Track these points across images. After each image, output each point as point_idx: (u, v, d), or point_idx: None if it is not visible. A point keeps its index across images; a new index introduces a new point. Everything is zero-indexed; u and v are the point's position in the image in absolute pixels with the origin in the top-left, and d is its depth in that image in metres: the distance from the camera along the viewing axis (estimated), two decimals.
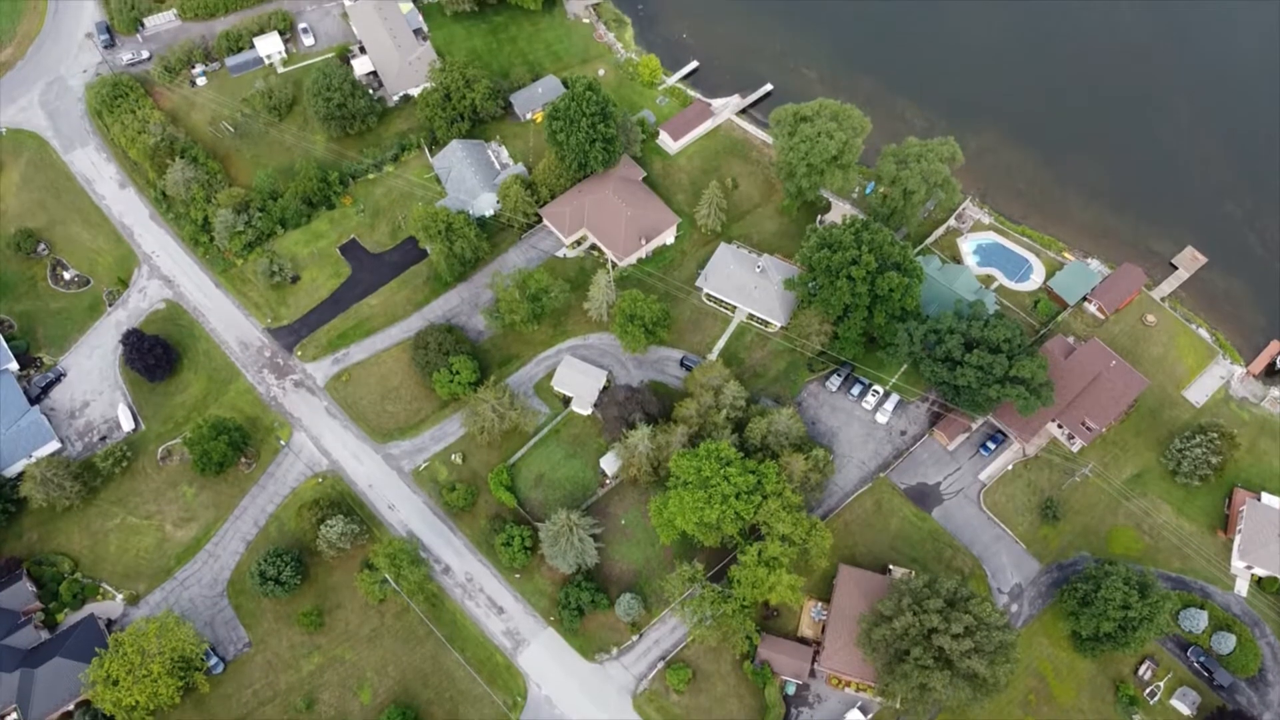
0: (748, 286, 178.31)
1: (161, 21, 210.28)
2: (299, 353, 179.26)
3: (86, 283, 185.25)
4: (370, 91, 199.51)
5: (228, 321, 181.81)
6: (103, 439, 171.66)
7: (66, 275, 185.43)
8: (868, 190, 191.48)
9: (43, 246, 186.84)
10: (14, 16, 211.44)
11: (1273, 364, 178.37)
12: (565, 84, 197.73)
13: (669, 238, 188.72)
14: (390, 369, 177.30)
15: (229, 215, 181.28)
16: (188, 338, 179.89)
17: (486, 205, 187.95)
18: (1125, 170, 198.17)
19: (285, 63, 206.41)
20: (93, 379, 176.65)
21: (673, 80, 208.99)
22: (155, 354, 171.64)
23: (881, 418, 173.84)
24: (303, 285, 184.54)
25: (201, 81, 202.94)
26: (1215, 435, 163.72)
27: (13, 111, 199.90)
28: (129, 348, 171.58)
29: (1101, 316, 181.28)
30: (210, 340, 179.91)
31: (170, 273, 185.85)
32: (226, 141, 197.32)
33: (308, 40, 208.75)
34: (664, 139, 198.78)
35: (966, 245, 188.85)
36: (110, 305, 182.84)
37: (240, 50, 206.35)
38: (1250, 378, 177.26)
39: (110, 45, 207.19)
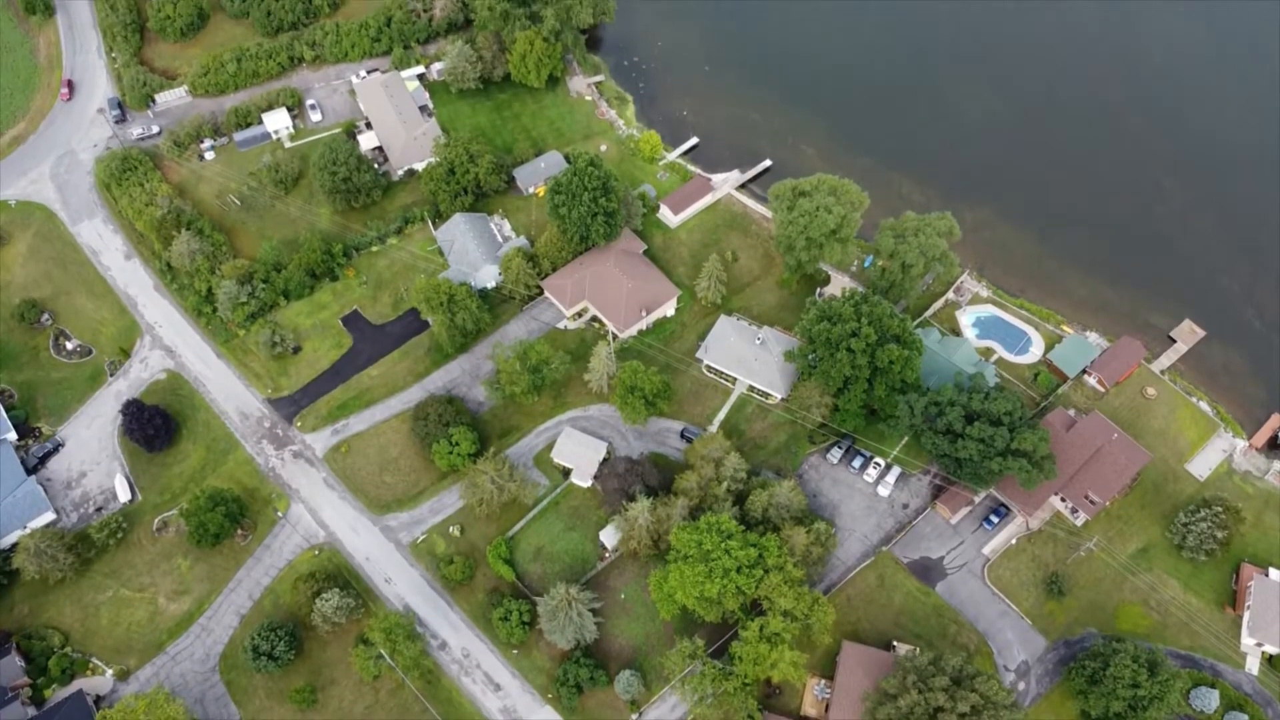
0: (748, 358, 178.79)
1: (172, 98, 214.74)
2: (299, 423, 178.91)
3: (89, 353, 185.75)
4: (375, 166, 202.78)
5: (228, 392, 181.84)
6: (98, 510, 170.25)
7: (69, 345, 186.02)
8: (866, 264, 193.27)
9: (46, 317, 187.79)
10: (28, 92, 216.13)
11: (1275, 437, 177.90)
12: (568, 159, 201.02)
13: (669, 310, 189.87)
14: (390, 440, 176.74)
15: (233, 286, 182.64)
16: (188, 408, 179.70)
17: (488, 277, 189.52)
18: (1120, 244, 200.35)
19: (293, 138, 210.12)
20: (91, 449, 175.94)
21: (673, 156, 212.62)
22: (155, 424, 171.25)
23: (883, 491, 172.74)
24: (304, 356, 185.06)
25: (210, 155, 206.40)
26: (1220, 509, 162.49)
27: (24, 184, 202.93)
28: (128, 417, 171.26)
29: (1102, 389, 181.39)
30: (210, 410, 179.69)
31: (172, 343, 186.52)
32: (232, 214, 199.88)
33: (315, 116, 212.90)
34: (665, 213, 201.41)
35: (965, 318, 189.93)
36: (111, 375, 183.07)
37: (249, 125, 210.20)
38: (1253, 451, 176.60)
39: (121, 120, 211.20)
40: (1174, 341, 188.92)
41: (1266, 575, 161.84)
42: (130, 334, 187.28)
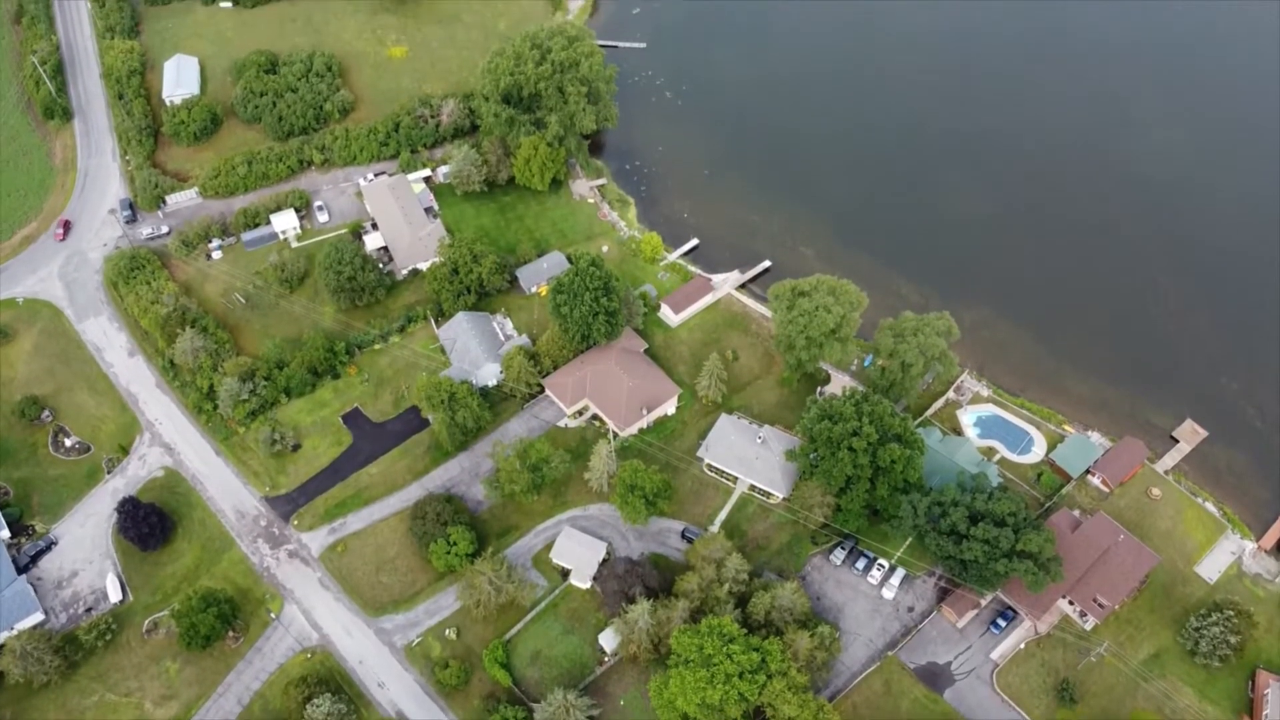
0: (749, 457, 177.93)
1: (183, 199, 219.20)
2: (295, 522, 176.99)
3: (87, 449, 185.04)
4: (380, 265, 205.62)
5: (225, 489, 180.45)
6: (88, 610, 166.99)
7: (68, 442, 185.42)
8: (866, 363, 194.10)
9: (47, 414, 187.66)
10: (42, 193, 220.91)
11: None
12: (570, 259, 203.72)
13: (670, 408, 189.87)
14: (387, 539, 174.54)
15: (234, 384, 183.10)
16: (184, 506, 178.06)
17: (490, 375, 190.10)
18: (1119, 344, 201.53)
19: (299, 238, 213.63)
20: (84, 547, 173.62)
21: (674, 256, 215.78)
22: (150, 522, 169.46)
23: (888, 593, 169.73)
24: (303, 454, 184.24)
25: (217, 255, 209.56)
26: (1232, 614, 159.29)
27: (32, 282, 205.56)
28: (124, 516, 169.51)
29: (1106, 490, 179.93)
30: (206, 509, 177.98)
31: (171, 440, 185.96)
32: (237, 312, 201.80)
33: (322, 217, 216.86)
34: (665, 312, 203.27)
35: (966, 417, 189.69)
36: (109, 472, 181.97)
37: (257, 226, 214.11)
38: (1262, 553, 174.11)
39: (132, 220, 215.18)
40: (1176, 441, 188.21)
41: None
42: (130, 431, 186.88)
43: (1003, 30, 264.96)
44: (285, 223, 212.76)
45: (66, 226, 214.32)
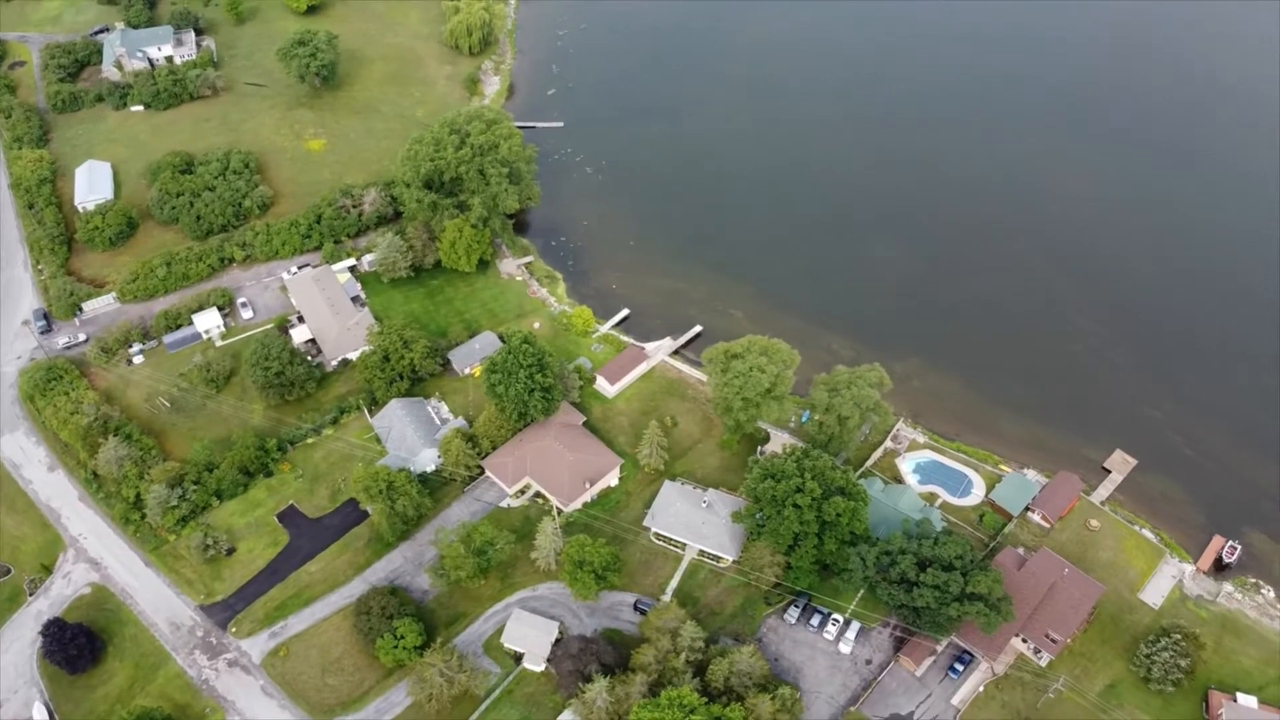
0: (696, 523, 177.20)
1: (100, 305, 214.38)
2: (233, 629, 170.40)
3: (7, 572, 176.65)
4: (309, 358, 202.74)
5: (158, 602, 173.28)
6: None
7: None
8: (804, 419, 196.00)
9: None
10: None
11: (1219, 559, 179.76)
12: (502, 338, 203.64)
13: (613, 480, 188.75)
14: (331, 638, 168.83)
15: (162, 491, 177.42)
16: (114, 623, 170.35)
17: (428, 461, 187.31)
18: (1045, 384, 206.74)
19: (224, 336, 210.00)
20: (8, 676, 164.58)
21: (606, 328, 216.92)
22: (78, 644, 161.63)
23: (845, 647, 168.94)
24: (239, 557, 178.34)
25: (138, 360, 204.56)
26: (1179, 637, 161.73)
27: None
28: (49, 639, 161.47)
29: (1046, 525, 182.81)
30: (139, 624, 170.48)
31: (98, 555, 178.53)
32: (162, 417, 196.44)
33: (246, 314, 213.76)
34: (601, 384, 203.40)
35: (905, 465, 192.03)
36: (31, 594, 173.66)
37: (179, 327, 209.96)
38: (1201, 575, 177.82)
39: (47, 331, 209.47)
40: (1109, 472, 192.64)
41: (1235, 700, 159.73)
42: (53, 549, 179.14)
43: (909, 88, 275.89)
44: (208, 322, 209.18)
45: None
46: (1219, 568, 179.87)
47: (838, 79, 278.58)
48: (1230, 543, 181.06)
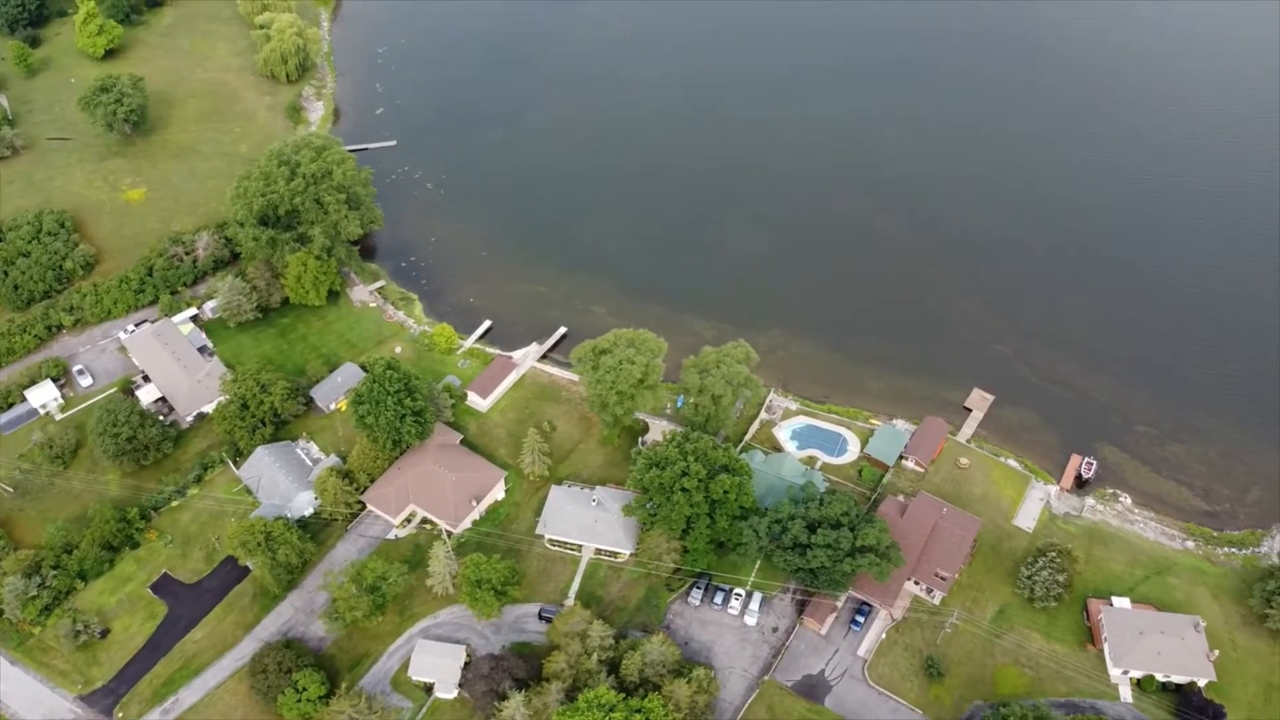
0: (588, 523, 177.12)
1: None
2: (120, 714, 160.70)
3: None
4: (161, 418, 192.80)
5: (30, 700, 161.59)
6: None
7: None
8: (679, 404, 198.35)
9: None
10: None
11: (1078, 476, 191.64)
12: (364, 368, 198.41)
13: (499, 493, 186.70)
14: (230, 704, 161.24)
15: (18, 582, 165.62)
16: None
17: (305, 505, 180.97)
18: (902, 336, 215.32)
19: (63, 408, 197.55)
20: None
21: (470, 342, 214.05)
22: None
23: (750, 620, 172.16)
24: (114, 638, 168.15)
25: None
26: (1054, 554, 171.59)
27: None
28: None
29: (920, 470, 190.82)
30: None
31: None
32: (6, 503, 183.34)
33: (85, 381, 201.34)
34: (473, 399, 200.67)
35: (782, 433, 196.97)
36: None
37: (11, 406, 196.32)
38: (1064, 493, 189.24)
39: None
40: (970, 411, 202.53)
41: (1111, 604, 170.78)
42: None
43: (741, 68, 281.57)
44: (44, 396, 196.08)
45: None
46: (1079, 484, 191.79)
47: (673, 71, 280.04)
48: (1086, 459, 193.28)
